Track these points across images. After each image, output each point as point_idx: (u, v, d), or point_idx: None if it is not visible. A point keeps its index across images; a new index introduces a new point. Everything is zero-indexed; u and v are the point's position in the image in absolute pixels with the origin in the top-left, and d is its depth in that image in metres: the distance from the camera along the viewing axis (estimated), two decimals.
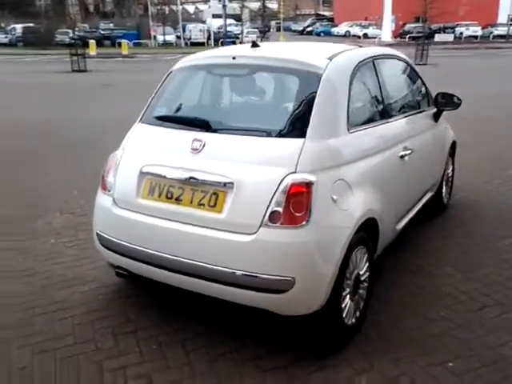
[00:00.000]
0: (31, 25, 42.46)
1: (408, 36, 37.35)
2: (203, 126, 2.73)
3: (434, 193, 4.36)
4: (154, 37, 39.70)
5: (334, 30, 50.67)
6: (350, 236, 2.52)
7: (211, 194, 2.55)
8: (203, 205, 2.56)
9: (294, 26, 60.45)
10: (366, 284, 2.92)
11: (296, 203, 2.40)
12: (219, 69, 3.09)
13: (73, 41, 36.71)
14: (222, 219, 2.50)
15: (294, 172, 2.44)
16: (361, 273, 2.82)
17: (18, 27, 41.92)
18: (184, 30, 40.15)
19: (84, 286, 3.39)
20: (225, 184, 2.51)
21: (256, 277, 2.41)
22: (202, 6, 71.88)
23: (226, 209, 2.50)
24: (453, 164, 4.86)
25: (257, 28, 47.23)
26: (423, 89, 4.08)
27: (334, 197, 2.49)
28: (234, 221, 2.48)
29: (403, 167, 3.27)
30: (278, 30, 60.01)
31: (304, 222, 2.38)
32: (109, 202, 2.89)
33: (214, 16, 49.33)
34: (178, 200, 2.64)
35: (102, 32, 44.52)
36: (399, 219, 3.45)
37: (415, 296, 3.24)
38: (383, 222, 2.98)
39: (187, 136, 2.72)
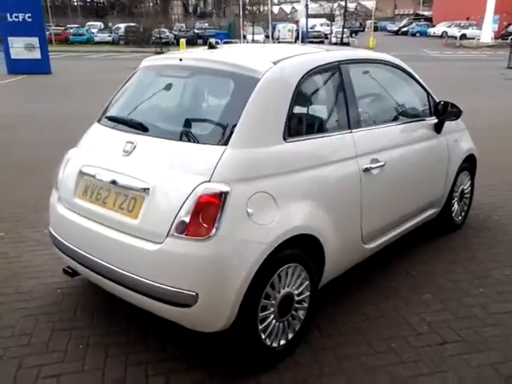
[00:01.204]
0: (132, 24, 45.20)
1: (511, 37, 34.54)
2: (137, 127, 2.70)
3: (438, 210, 3.97)
4: (244, 36, 40.35)
5: (431, 31, 48.30)
6: (264, 253, 2.35)
7: (131, 198, 2.51)
8: (123, 209, 2.53)
9: (390, 26, 58.50)
10: (304, 304, 2.72)
11: (204, 214, 2.28)
12: (167, 70, 3.04)
13: (167, 39, 38.76)
14: (136, 225, 2.45)
15: (208, 181, 2.32)
16: (295, 292, 2.63)
17: (122, 26, 44.86)
18: (274, 30, 40.44)
19: (52, 278, 3.49)
20: (144, 189, 2.46)
21: (161, 288, 2.33)
22: (298, 6, 72.04)
23: (141, 215, 2.44)
24: (471, 180, 4.38)
25: (348, 28, 46.30)
26: (421, 97, 3.71)
27: (250, 210, 2.33)
28: (145, 228, 2.42)
29: (370, 181, 2.99)
30: (374, 29, 58.53)
31: (210, 235, 2.26)
32: (55, 199, 2.96)
33: (308, 16, 49.14)
34: (104, 202, 2.63)
35: (197, 31, 46.39)
36: (371, 237, 3.18)
37: (374, 322, 2.96)
38: (332, 240, 2.76)
39: (123, 138, 2.71)
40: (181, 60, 2.87)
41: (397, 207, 3.37)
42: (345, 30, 41.53)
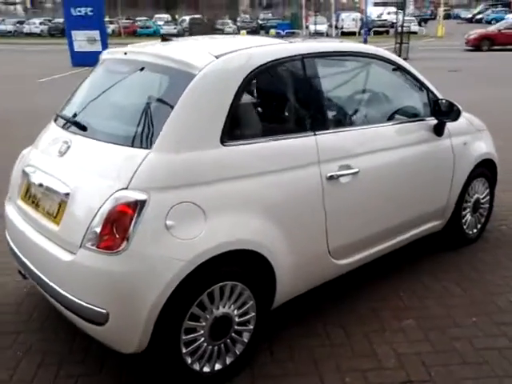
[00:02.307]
0: (197, 16, 45.86)
1: None
2: (76, 127, 2.53)
3: (443, 222, 3.51)
4: (307, 26, 39.56)
5: (509, 17, 45.09)
6: (183, 271, 2.09)
7: (57, 203, 2.34)
8: (50, 214, 2.37)
9: (464, 14, 55.36)
10: (250, 326, 2.44)
11: (116, 225, 2.06)
12: (113, 64, 2.83)
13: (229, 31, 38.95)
14: (57, 232, 2.28)
15: (126, 188, 2.10)
16: (236, 313, 2.36)
17: (187, 19, 45.69)
18: (337, 19, 39.37)
19: None
20: (66, 194, 2.28)
21: (75, 302, 2.15)
22: None
23: (62, 222, 2.27)
24: (490, 188, 3.86)
25: (418, 16, 44.34)
26: (418, 95, 3.24)
27: (169, 222, 2.08)
28: (63, 236, 2.25)
29: (337, 191, 2.64)
30: (447, 17, 55.70)
31: (120, 249, 2.04)
32: (7, 198, 2.87)
33: (377, 4, 47.52)
34: (37, 206, 2.49)
35: (260, 22, 46.37)
36: (345, 253, 2.82)
37: (337, 350, 2.62)
38: (286, 257, 2.46)
39: (63, 137, 2.55)
40: (125, 54, 2.67)
41: (379, 220, 2.97)
42: (413, 18, 39.65)
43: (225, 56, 2.38)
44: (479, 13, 51.66)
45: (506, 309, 2.95)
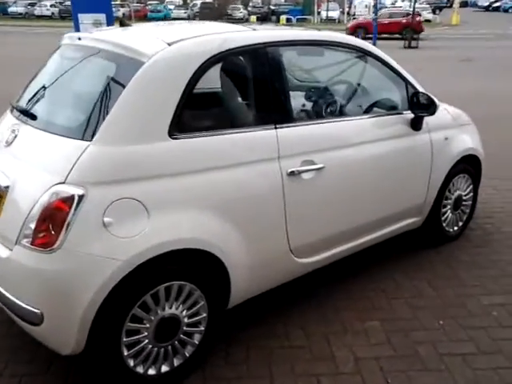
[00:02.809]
0: (208, 1, 45.51)
1: None
2: (25, 116, 2.44)
3: (421, 219, 3.39)
4: (319, 12, 39.03)
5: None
6: (120, 270, 1.99)
7: None
8: None
9: (481, 1, 54.19)
10: (201, 327, 2.36)
11: (51, 222, 1.97)
12: (67, 50, 2.70)
13: (240, 16, 38.69)
14: None
15: (63, 182, 2.00)
16: (184, 314, 2.28)
17: (198, 3, 45.33)
18: (350, 6, 38.78)
19: None
20: (5, 187, 2.20)
21: (10, 300, 2.08)
22: None
23: (1, 216, 2.19)
24: (473, 184, 3.71)
25: (433, 3, 43.46)
26: (394, 87, 3.08)
27: (107, 219, 1.98)
28: (1, 232, 2.17)
29: (299, 187, 2.53)
30: (464, 5, 54.70)
31: (55, 247, 1.95)
32: None
33: None
34: None
35: (272, 8, 45.80)
36: (309, 251, 2.72)
37: (294, 352, 2.53)
38: (241, 255, 2.36)
39: (12, 126, 2.46)
40: (79, 39, 2.56)
41: (347, 218, 2.85)
42: (427, 5, 38.94)
43: (178, 43, 2.26)
44: (496, 1, 50.49)
45: (476, 312, 2.84)
